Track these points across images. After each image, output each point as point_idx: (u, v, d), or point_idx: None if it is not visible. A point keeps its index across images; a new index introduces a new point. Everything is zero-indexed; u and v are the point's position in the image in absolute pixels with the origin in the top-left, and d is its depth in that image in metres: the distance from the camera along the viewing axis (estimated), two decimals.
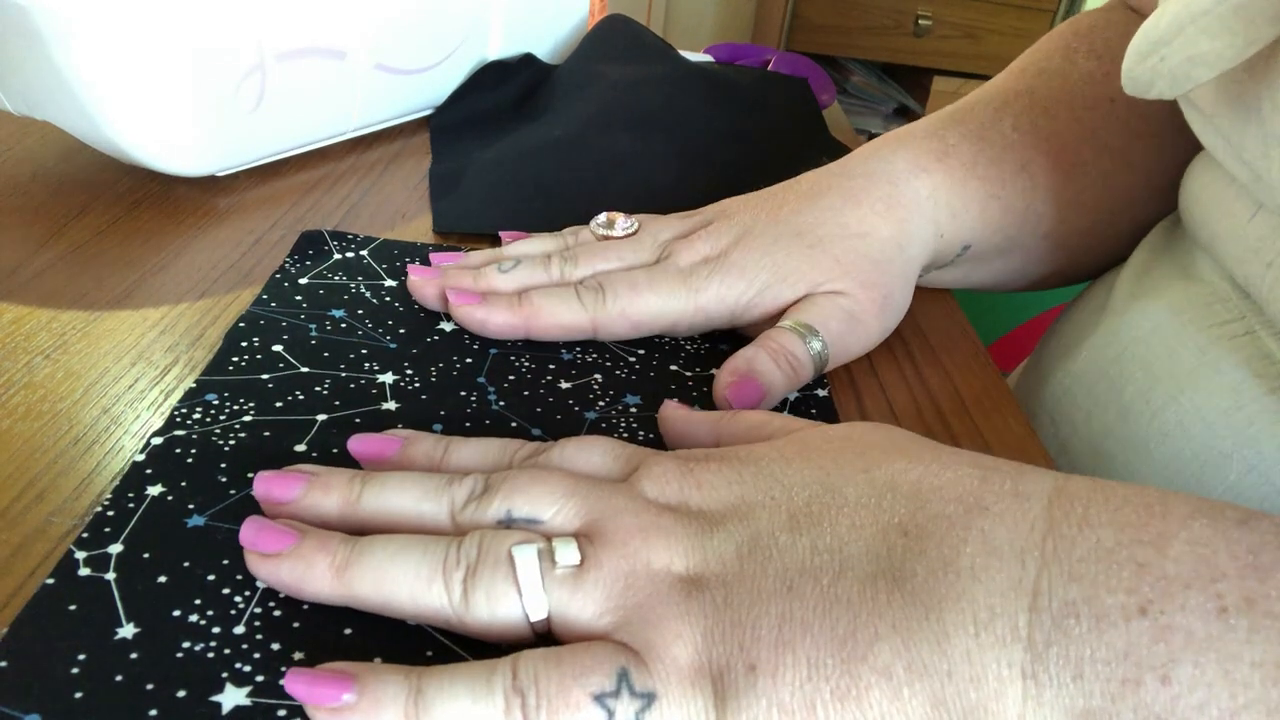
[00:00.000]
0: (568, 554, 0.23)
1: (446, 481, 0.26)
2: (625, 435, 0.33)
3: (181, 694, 0.22)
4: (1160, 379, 0.37)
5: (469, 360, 0.35)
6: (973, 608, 0.21)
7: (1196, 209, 0.39)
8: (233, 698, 0.22)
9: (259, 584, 0.25)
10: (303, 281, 0.39)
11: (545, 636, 0.24)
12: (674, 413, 0.32)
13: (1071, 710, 0.19)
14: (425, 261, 0.41)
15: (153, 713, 0.21)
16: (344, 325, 0.36)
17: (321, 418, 0.31)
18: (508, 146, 0.53)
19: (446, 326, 0.37)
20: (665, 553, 0.23)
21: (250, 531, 0.25)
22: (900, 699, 0.20)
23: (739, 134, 0.56)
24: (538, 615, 0.23)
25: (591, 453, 0.27)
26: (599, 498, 0.25)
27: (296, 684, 0.21)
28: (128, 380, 0.33)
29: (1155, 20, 0.31)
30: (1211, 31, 0.29)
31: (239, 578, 0.25)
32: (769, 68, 0.72)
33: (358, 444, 0.29)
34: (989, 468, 0.24)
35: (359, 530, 0.25)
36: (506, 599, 0.23)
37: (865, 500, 0.24)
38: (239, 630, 0.24)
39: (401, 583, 0.23)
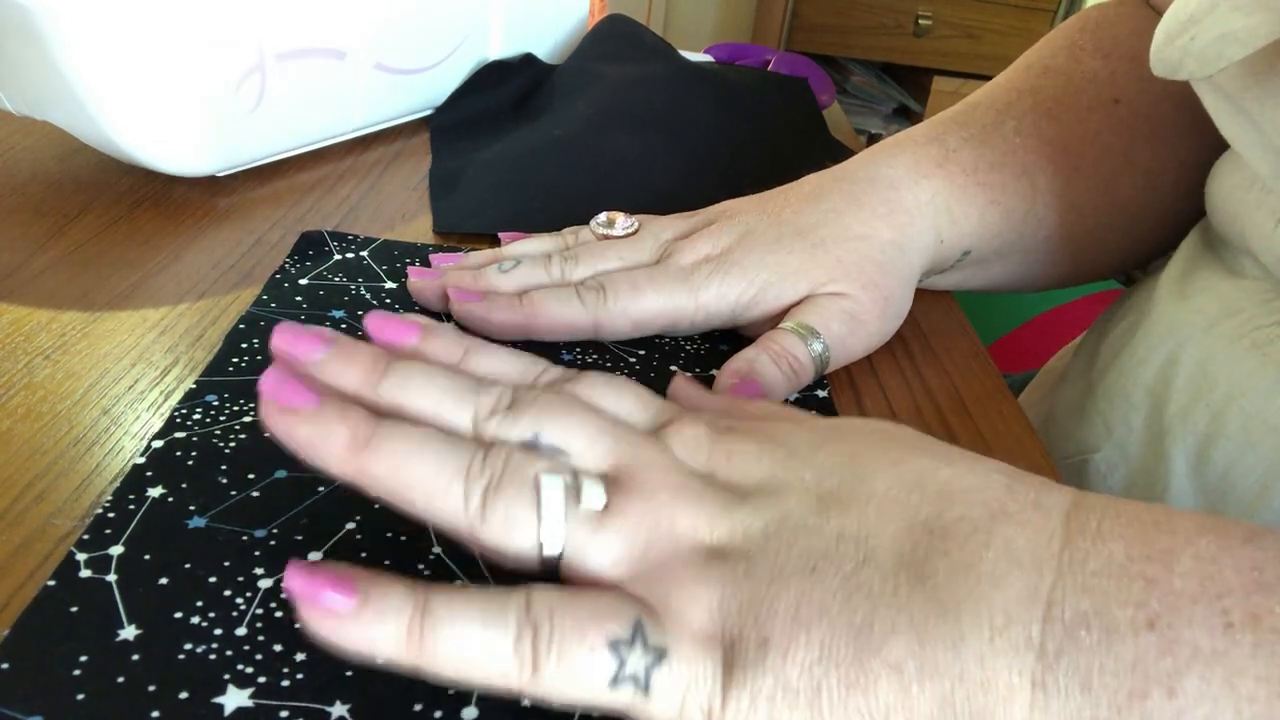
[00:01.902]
0: (594, 496, 0.23)
1: (473, 386, 0.25)
2: None
3: (183, 695, 0.22)
4: (1218, 381, 0.37)
5: None
6: (990, 612, 0.21)
7: (1223, 217, 0.39)
8: (235, 699, 0.22)
9: (260, 585, 0.25)
10: (303, 282, 0.39)
11: (553, 574, 0.23)
12: (686, 389, 0.31)
13: None
14: (425, 262, 0.41)
15: (155, 714, 0.21)
16: (344, 326, 0.36)
17: None
18: (507, 146, 0.53)
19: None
20: (691, 517, 0.23)
21: (271, 381, 0.23)
22: (908, 695, 0.20)
23: (739, 134, 0.56)
24: (552, 550, 0.22)
25: (621, 395, 0.26)
26: (630, 444, 0.24)
27: (295, 579, 0.20)
28: (128, 381, 0.33)
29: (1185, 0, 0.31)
30: (1245, 8, 0.29)
31: (240, 579, 0.25)
32: (769, 68, 0.72)
33: (373, 320, 0.27)
34: (1014, 476, 0.24)
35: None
36: (524, 524, 0.22)
37: (893, 494, 0.24)
38: (240, 631, 0.24)
39: (420, 477, 0.22)
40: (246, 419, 0.31)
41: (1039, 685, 0.20)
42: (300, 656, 0.23)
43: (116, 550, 0.25)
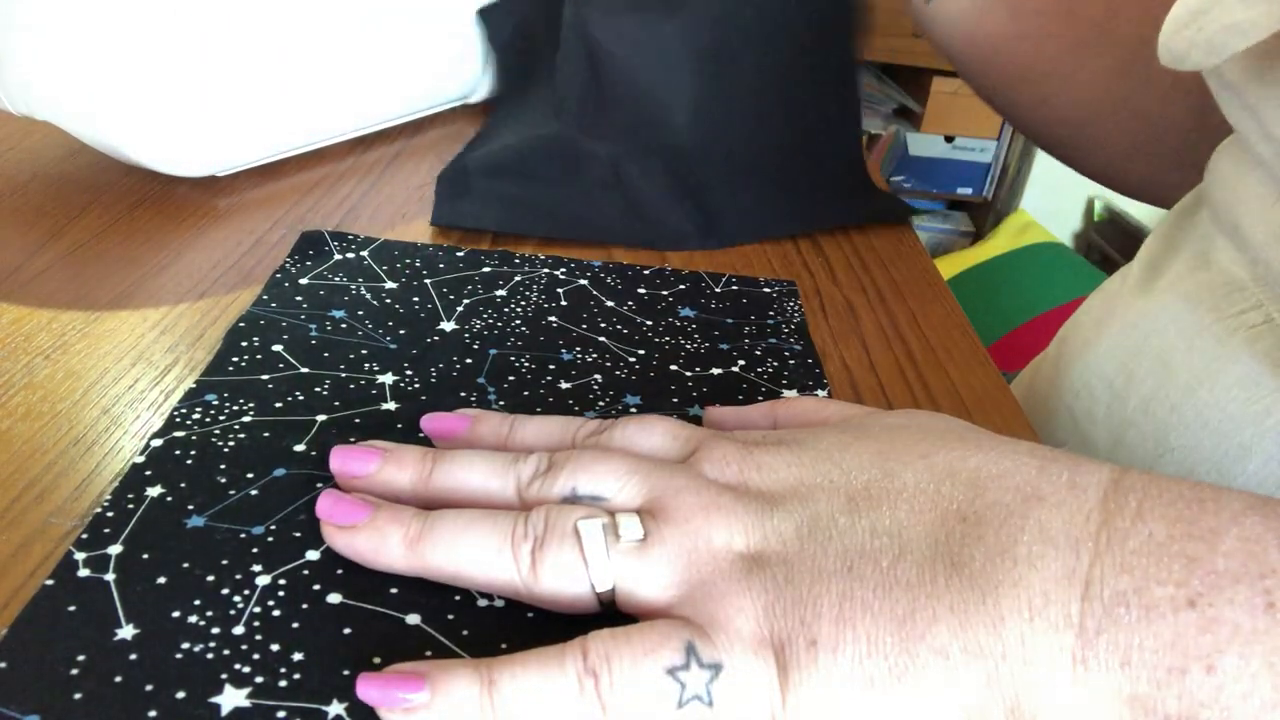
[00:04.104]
0: (631, 528, 0.24)
1: (513, 460, 0.27)
2: None
3: (181, 695, 0.22)
4: (1178, 371, 0.38)
5: (469, 361, 0.35)
6: (1028, 594, 0.21)
7: (1222, 192, 0.39)
8: (232, 699, 0.22)
9: (258, 582, 0.25)
10: (303, 282, 0.39)
11: (610, 607, 0.24)
12: (720, 413, 0.32)
13: (1118, 695, 0.20)
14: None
15: (152, 714, 0.21)
16: (344, 326, 0.36)
17: (321, 418, 0.31)
18: (507, 145, 0.53)
19: (446, 327, 0.37)
20: (726, 530, 0.24)
21: (326, 504, 0.26)
22: (955, 677, 0.21)
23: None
24: (604, 586, 0.24)
25: (652, 433, 0.28)
26: (660, 476, 0.25)
27: (369, 688, 0.22)
28: (128, 381, 0.33)
29: None
30: (1247, 1, 0.30)
31: (238, 578, 0.25)
32: None
33: (429, 422, 0.30)
34: (1046, 458, 0.24)
35: (429, 504, 0.26)
36: (573, 570, 0.24)
37: (924, 486, 0.24)
38: (238, 631, 0.24)
39: (472, 554, 0.24)
40: (246, 418, 0.31)
41: (1079, 661, 0.20)
42: (297, 656, 0.23)
43: (115, 549, 0.25)
